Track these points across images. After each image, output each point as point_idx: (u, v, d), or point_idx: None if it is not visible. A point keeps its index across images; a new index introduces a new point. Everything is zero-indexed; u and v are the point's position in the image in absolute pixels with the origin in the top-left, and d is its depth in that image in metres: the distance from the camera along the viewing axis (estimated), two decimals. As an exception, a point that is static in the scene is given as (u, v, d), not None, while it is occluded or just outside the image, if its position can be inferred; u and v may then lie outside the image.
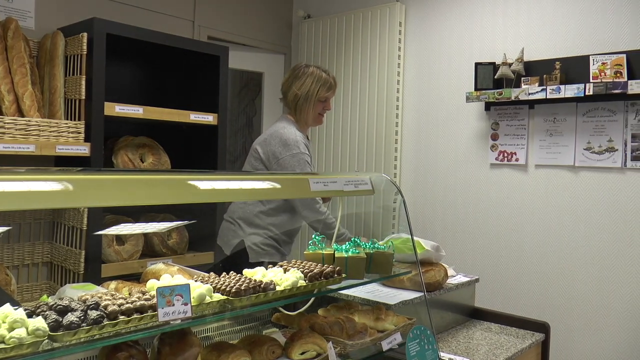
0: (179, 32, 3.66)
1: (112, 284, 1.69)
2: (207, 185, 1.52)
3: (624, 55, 3.13)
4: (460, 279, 2.53)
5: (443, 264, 2.39)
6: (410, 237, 2.09)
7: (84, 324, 1.15)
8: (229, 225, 2.91)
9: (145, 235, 2.86)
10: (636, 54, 3.11)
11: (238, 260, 2.82)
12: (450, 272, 2.50)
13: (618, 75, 3.07)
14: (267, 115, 4.64)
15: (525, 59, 3.49)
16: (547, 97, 3.29)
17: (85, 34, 2.60)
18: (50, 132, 2.49)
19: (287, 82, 2.93)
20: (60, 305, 1.15)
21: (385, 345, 1.79)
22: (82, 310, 1.16)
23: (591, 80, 3.14)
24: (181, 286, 1.34)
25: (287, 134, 2.80)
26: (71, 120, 2.63)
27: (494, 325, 2.49)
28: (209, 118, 3.01)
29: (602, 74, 3.12)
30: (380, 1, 4.25)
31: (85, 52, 2.59)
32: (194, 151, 3.20)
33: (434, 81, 4.04)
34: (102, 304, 1.21)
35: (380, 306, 1.97)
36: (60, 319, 1.13)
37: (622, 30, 3.26)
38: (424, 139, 4.10)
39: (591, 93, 3.10)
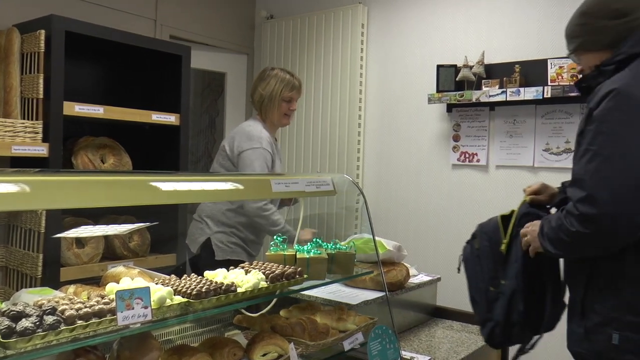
0: (141, 31, 3.61)
1: (71, 288, 1.65)
2: (169, 187, 1.51)
3: (581, 59, 3.23)
4: (422, 278, 2.57)
5: (405, 264, 2.42)
6: (372, 237, 2.11)
7: (39, 330, 1.12)
8: (197, 224, 2.94)
9: (106, 237, 2.81)
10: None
11: (203, 259, 2.83)
12: (412, 271, 2.53)
13: (574, 78, 3.15)
14: (229, 116, 4.61)
15: (486, 61, 3.56)
16: (507, 99, 3.37)
17: (42, 31, 2.54)
18: (6, 131, 2.42)
19: (254, 84, 3.04)
20: (13, 310, 1.13)
21: (347, 345, 1.80)
22: (37, 316, 1.14)
23: (549, 84, 3.22)
24: (141, 289, 1.32)
25: (252, 130, 2.88)
26: (28, 120, 2.57)
27: (455, 323, 2.53)
28: (171, 118, 2.98)
29: (560, 77, 3.21)
30: (342, 3, 4.27)
31: (42, 50, 2.54)
32: (156, 152, 3.16)
33: (396, 82, 4.08)
34: (59, 309, 1.19)
35: (342, 306, 1.98)
36: (14, 325, 1.10)
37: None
38: (386, 140, 4.14)
39: (549, 96, 3.18)
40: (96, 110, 2.69)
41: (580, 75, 1.78)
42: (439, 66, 3.71)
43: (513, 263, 1.82)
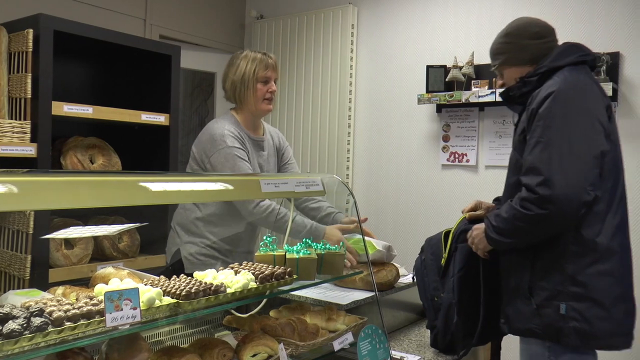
0: (130, 31, 3.60)
1: (59, 290, 1.65)
2: (159, 187, 1.51)
3: (568, 60, 3.25)
4: (412, 278, 2.57)
5: (394, 264, 2.43)
6: (362, 237, 2.12)
7: (26, 332, 1.12)
8: (171, 232, 2.77)
9: (95, 238, 2.79)
10: (579, 59, 3.24)
11: (176, 272, 2.66)
12: (402, 271, 2.53)
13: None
14: (219, 116, 4.60)
15: (476, 62, 3.58)
16: (497, 100, 3.39)
17: (30, 31, 2.52)
18: (-6, 132, 2.40)
19: (224, 73, 2.73)
20: (0, 313, 1.12)
21: (337, 346, 1.80)
22: (24, 318, 1.13)
23: (537, 84, 3.24)
24: (130, 290, 1.32)
25: (215, 128, 2.58)
26: (16, 120, 2.55)
27: (444, 323, 2.54)
28: (160, 118, 2.97)
29: (548, 77, 3.22)
30: (332, 3, 4.28)
31: (31, 50, 2.51)
32: (145, 152, 3.14)
33: (386, 83, 4.09)
34: (47, 311, 1.18)
35: (331, 307, 1.98)
36: (0, 327, 1.09)
37: (566, 36, 3.37)
38: (376, 140, 4.15)
39: (537, 96, 3.20)
40: (85, 110, 2.67)
41: (504, 89, 2.07)
42: (428, 67, 3.73)
43: (450, 277, 2.04)
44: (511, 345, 2.26)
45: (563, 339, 1.78)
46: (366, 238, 2.17)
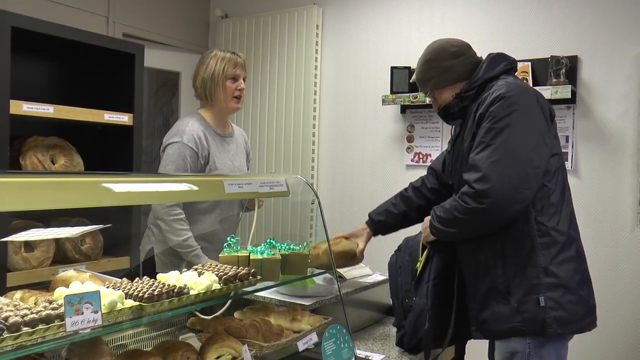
0: (93, 28, 3.54)
1: (17, 294, 1.61)
2: (122, 188, 1.49)
3: (529, 63, 3.33)
4: (377, 277, 2.61)
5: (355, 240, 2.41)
6: (325, 238, 2.13)
7: (-19, 338, 1.09)
8: (147, 231, 2.80)
9: (57, 240, 2.73)
10: (539, 62, 3.33)
11: (148, 270, 2.69)
12: (366, 271, 2.56)
13: (524, 81, 3.25)
14: (184, 116, 4.55)
15: (439, 63, 3.62)
16: (459, 101, 3.43)
17: (-13, 28, 2.46)
18: (-51, 132, 2.34)
19: (194, 71, 2.82)
20: (-45, 319, 1.09)
21: (301, 346, 1.81)
22: (-21, 323, 1.11)
23: (500, 86, 3.31)
24: (91, 293, 1.30)
25: (179, 124, 2.70)
26: (-27, 119, 2.48)
27: (408, 321, 2.57)
28: (124, 118, 2.93)
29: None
30: (297, 3, 4.29)
31: (-13, 48, 2.46)
32: (108, 152, 3.10)
33: (350, 84, 4.12)
34: (2, 316, 1.16)
35: (296, 307, 1.99)
36: (-45, 334, 1.07)
37: (526, 39, 3.46)
38: (341, 141, 4.17)
39: (499, 98, 3.27)
40: (46, 110, 2.62)
41: (440, 107, 2.14)
42: (392, 68, 3.76)
43: (425, 283, 2.08)
44: (476, 346, 2.29)
45: (546, 330, 1.83)
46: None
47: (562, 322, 1.83)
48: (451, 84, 2.07)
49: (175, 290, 1.48)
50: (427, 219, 2.07)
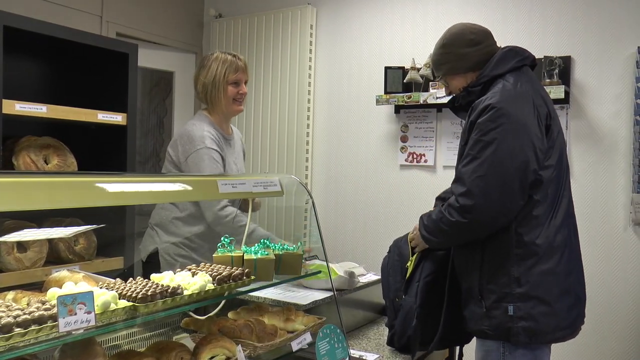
0: (87, 28, 3.53)
1: (10, 295, 1.60)
2: (115, 188, 1.49)
3: (522, 63, 3.33)
4: (370, 277, 2.61)
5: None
6: (319, 238, 2.13)
7: (-27, 339, 1.09)
8: (149, 231, 2.79)
9: (50, 241, 2.72)
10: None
11: (150, 269, 2.69)
12: (360, 271, 2.56)
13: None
14: (178, 116, 4.56)
15: (433, 64, 3.63)
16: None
17: (-21, 27, 2.45)
18: (-59, 132, 2.33)
19: (195, 75, 2.81)
20: (-54, 320, 1.09)
21: (295, 346, 1.81)
22: (-29, 325, 1.10)
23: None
24: (84, 294, 1.30)
25: (193, 130, 2.66)
26: (-36, 119, 2.47)
27: (402, 321, 2.57)
28: (117, 118, 2.92)
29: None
30: (291, 3, 4.29)
31: (-21, 47, 2.44)
32: (102, 152, 3.09)
33: (344, 84, 4.12)
34: (-5, 317, 1.16)
35: (290, 307, 1.99)
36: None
37: (520, 40, 3.47)
38: (335, 141, 4.18)
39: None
40: (39, 109, 2.61)
41: (451, 96, 2.14)
42: (386, 68, 3.77)
43: (415, 282, 2.09)
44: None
45: (512, 338, 1.85)
46: (330, 265, 2.17)
47: (530, 332, 1.84)
48: (464, 72, 2.04)
49: (169, 290, 1.48)
50: (416, 226, 2.09)
